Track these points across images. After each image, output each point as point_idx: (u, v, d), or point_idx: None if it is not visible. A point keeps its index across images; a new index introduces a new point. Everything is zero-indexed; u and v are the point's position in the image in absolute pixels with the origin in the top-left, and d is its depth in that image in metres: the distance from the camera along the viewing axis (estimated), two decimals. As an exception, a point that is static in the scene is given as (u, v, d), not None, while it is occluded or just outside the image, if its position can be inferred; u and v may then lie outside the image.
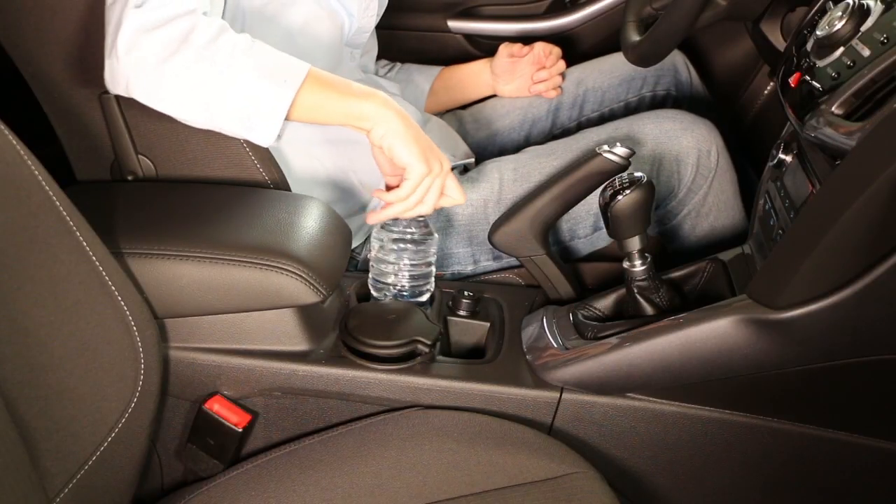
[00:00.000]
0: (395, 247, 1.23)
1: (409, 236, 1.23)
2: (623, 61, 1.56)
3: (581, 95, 1.66)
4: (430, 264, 1.26)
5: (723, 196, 1.41)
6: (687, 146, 1.39)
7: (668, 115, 1.43)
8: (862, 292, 0.96)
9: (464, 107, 1.73)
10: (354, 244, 1.41)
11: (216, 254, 1.10)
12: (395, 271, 1.24)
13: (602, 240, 1.42)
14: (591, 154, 1.21)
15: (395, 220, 1.24)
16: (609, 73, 1.66)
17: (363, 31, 1.45)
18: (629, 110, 1.66)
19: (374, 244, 1.25)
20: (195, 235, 1.13)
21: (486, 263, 1.44)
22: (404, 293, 1.24)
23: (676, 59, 1.67)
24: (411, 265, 1.23)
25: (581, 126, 1.64)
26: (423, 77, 1.70)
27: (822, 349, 1.04)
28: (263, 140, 1.16)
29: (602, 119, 1.65)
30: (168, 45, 1.09)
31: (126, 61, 1.10)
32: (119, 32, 1.09)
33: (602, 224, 1.23)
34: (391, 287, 1.24)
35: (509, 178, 1.41)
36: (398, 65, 1.71)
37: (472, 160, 1.55)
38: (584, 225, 1.41)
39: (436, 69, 1.71)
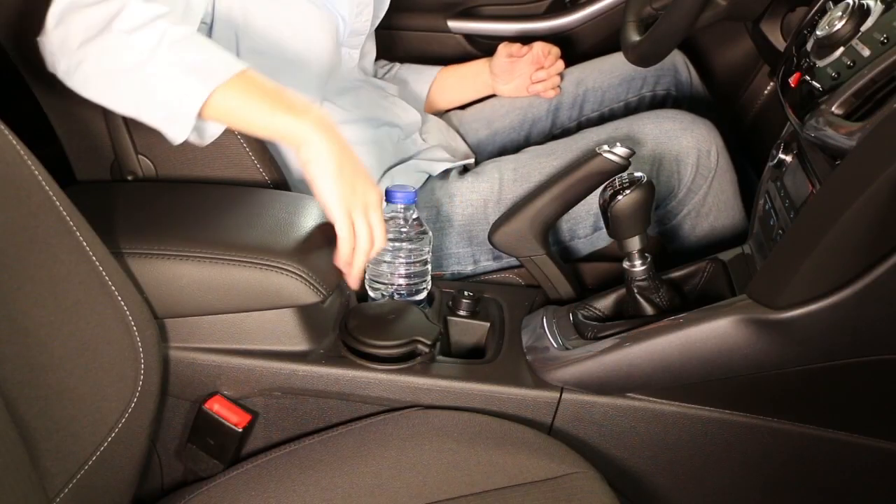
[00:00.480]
0: (389, 246, 1.23)
1: (403, 235, 1.23)
2: (623, 61, 1.55)
3: (581, 95, 1.66)
4: (425, 263, 1.26)
5: (723, 196, 1.41)
6: (687, 146, 1.39)
7: (667, 115, 1.43)
8: (862, 292, 0.96)
9: (463, 106, 1.73)
10: None
11: (216, 254, 1.09)
12: (390, 270, 1.24)
13: (602, 240, 1.42)
14: (591, 154, 1.21)
15: (390, 219, 1.24)
16: (609, 73, 1.66)
17: (358, 34, 1.45)
18: (629, 110, 1.66)
19: (370, 244, 1.25)
20: (195, 235, 1.13)
21: (486, 263, 1.44)
22: (401, 292, 1.24)
23: (676, 59, 1.67)
24: (406, 264, 1.24)
25: (581, 126, 1.64)
26: (422, 78, 1.70)
27: (822, 349, 1.04)
28: (174, 137, 1.10)
29: (602, 119, 1.65)
30: (91, 26, 1.05)
31: (52, 37, 1.06)
32: (52, 6, 1.06)
33: (602, 224, 1.23)
34: (387, 286, 1.24)
35: (509, 177, 1.41)
36: (396, 65, 1.71)
37: (472, 161, 1.55)
38: (584, 225, 1.41)
39: (434, 69, 1.71)
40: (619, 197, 1.15)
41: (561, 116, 1.67)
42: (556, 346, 1.17)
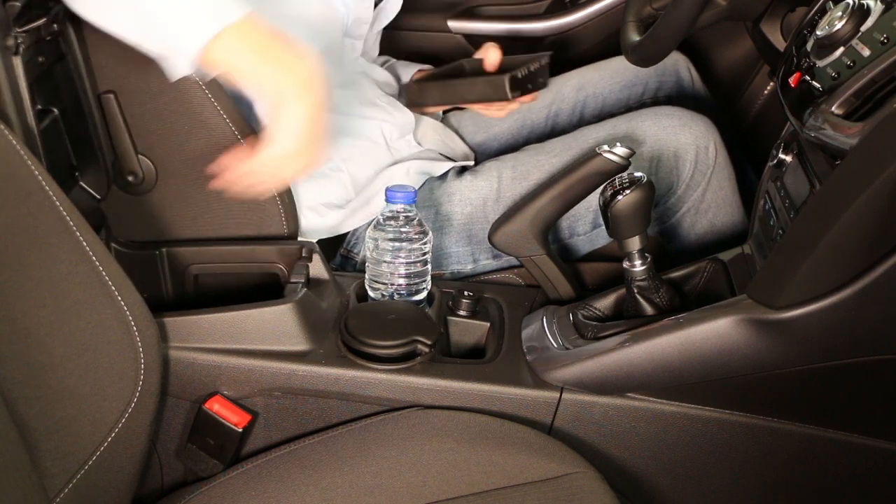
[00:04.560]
0: (389, 246, 1.23)
1: (403, 235, 1.23)
2: (624, 66, 1.55)
3: (581, 101, 1.65)
4: (425, 262, 1.26)
5: (721, 192, 1.41)
6: (685, 142, 1.39)
7: (665, 112, 1.43)
8: (862, 292, 0.96)
9: (462, 108, 1.72)
10: (346, 229, 1.42)
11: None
12: (390, 270, 1.24)
13: (601, 237, 1.42)
14: (591, 154, 1.21)
15: (390, 219, 1.24)
16: (610, 79, 1.65)
17: (361, 23, 1.44)
18: None
19: (370, 243, 1.25)
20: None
21: (486, 262, 1.44)
22: (401, 292, 1.24)
23: (679, 64, 1.66)
24: (406, 264, 1.24)
25: (581, 132, 1.63)
26: (409, 74, 1.68)
27: (822, 349, 1.04)
28: (174, 72, 1.09)
29: None
30: None
31: None
32: None
33: (601, 221, 1.23)
34: (387, 286, 1.24)
35: (508, 176, 1.42)
36: (392, 60, 1.70)
37: (472, 162, 1.55)
38: (584, 222, 1.41)
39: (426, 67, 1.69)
40: (619, 197, 1.15)
41: (560, 122, 1.66)
42: (556, 346, 1.17)
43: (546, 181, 1.27)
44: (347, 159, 1.43)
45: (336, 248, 1.45)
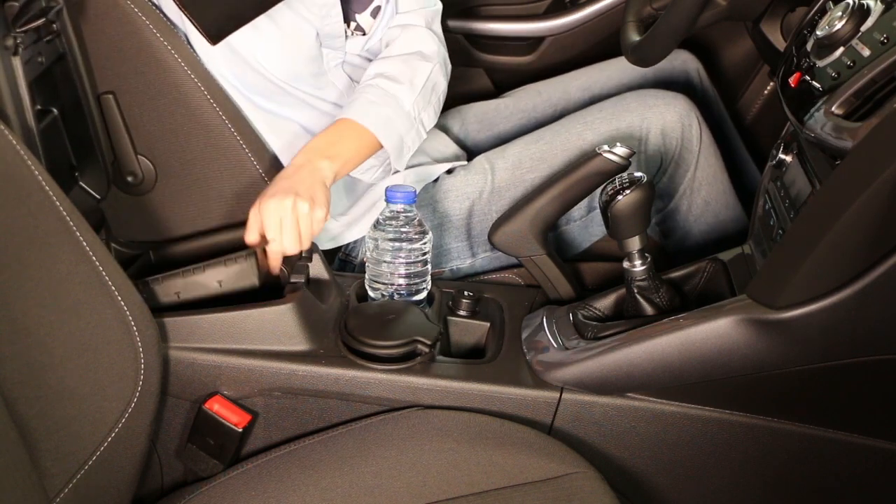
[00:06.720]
0: (389, 246, 1.23)
1: (403, 235, 1.23)
2: (631, 67, 1.55)
3: (587, 102, 1.65)
4: (425, 262, 1.26)
5: (710, 170, 1.44)
6: (671, 120, 1.42)
7: (649, 93, 1.47)
8: (862, 292, 0.96)
9: (468, 106, 1.72)
10: (349, 239, 1.42)
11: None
12: (390, 270, 1.24)
13: (597, 224, 1.43)
14: (591, 154, 1.21)
15: (390, 219, 1.24)
16: (618, 80, 1.66)
17: (333, 37, 1.42)
18: None
19: (370, 244, 1.25)
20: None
21: (484, 256, 1.44)
22: (401, 292, 1.24)
23: (689, 65, 1.67)
24: (406, 264, 1.24)
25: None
26: None
27: (822, 349, 1.04)
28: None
29: None
30: None
31: None
32: None
33: (596, 203, 1.23)
34: (387, 286, 1.24)
35: (500, 166, 1.43)
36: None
37: (464, 163, 1.55)
38: (579, 207, 1.42)
39: None
40: (619, 197, 1.15)
41: None
42: (556, 346, 1.17)
43: (546, 181, 1.27)
44: None
45: (334, 253, 1.45)
